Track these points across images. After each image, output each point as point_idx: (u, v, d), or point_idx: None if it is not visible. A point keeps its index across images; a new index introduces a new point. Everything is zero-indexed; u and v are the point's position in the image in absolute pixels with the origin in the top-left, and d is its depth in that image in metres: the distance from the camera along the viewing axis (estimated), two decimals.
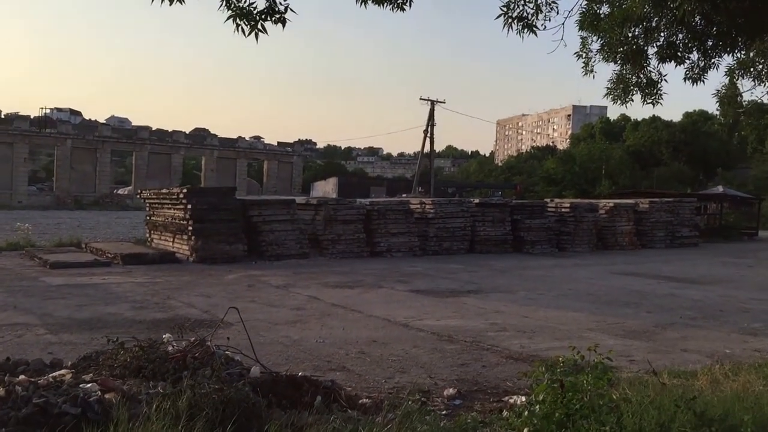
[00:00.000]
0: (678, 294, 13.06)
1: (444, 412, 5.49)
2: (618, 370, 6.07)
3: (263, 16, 5.03)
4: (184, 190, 17.67)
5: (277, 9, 5.03)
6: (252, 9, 5.04)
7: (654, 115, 77.71)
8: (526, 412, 4.71)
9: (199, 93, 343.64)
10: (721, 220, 33.78)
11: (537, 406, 4.64)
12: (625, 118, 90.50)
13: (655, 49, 7.13)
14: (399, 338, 8.40)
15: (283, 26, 5.10)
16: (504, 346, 8.05)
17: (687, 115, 77.05)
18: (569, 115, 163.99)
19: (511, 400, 5.77)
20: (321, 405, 5.04)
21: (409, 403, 5.22)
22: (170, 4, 4.90)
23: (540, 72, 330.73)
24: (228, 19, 5.05)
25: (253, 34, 5.04)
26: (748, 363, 7.01)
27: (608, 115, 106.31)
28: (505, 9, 6.05)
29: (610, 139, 78.69)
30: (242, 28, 5.07)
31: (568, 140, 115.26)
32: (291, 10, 5.06)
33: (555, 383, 4.66)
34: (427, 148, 56.79)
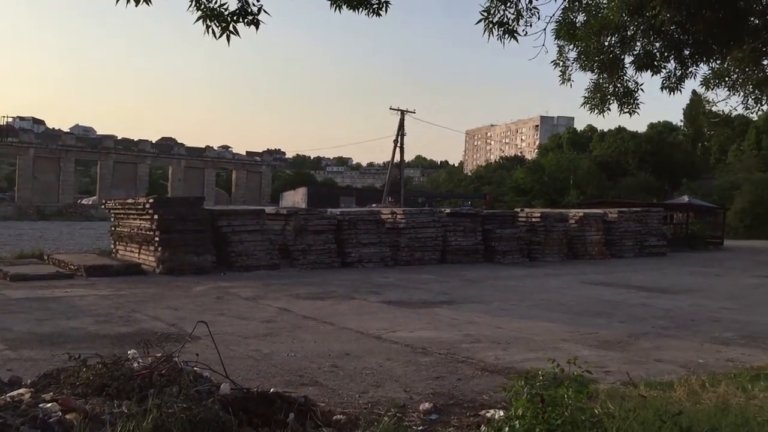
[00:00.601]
0: (649, 303, 13.11)
1: (421, 428, 5.34)
2: (596, 382, 5.99)
3: (235, 18, 4.83)
4: (151, 200, 17.31)
5: (249, 10, 4.83)
6: (223, 10, 4.84)
7: (620, 126, 79.01)
8: (506, 428, 4.59)
9: (167, 102, 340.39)
10: (688, 230, 34.26)
11: (516, 422, 4.52)
12: (591, 128, 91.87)
13: (632, 58, 7.12)
14: (372, 351, 8.24)
15: (257, 28, 4.91)
16: (479, 358, 7.93)
17: (652, 126, 78.45)
18: (537, 126, 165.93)
19: (489, 414, 5.65)
20: (294, 422, 4.85)
21: (386, 419, 5.07)
22: (136, 5, 4.70)
23: (508, 83, 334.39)
24: (198, 20, 4.83)
25: (225, 36, 4.84)
26: (722, 373, 6.99)
27: (575, 126, 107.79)
28: (485, 14, 5.95)
29: (578, 149, 79.78)
30: (213, 29, 4.87)
31: (536, 150, 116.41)
32: (264, 11, 4.89)
33: (535, 397, 4.55)
34: (397, 158, 56.85)
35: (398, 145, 55.64)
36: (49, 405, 4.49)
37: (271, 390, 5.37)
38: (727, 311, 12.35)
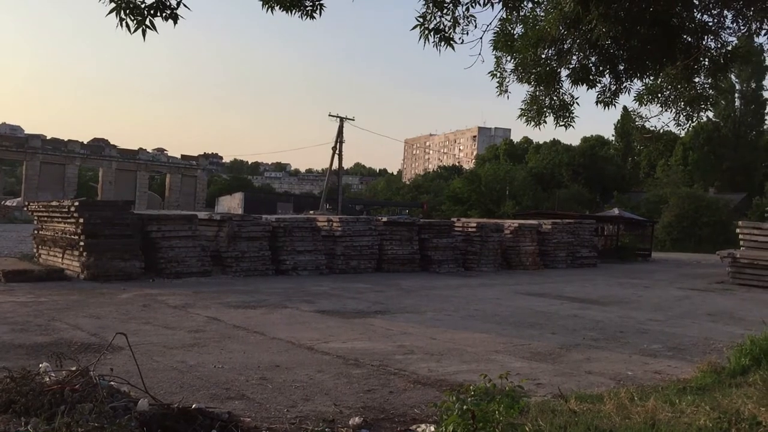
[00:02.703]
0: (580, 315, 13.29)
1: None
2: (527, 396, 5.95)
3: (152, 11, 4.56)
4: (76, 203, 16.63)
5: (168, 3, 4.57)
6: (139, 2, 4.56)
7: (555, 139, 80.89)
8: None
9: (99, 102, 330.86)
10: (618, 242, 35.15)
11: None
12: (527, 140, 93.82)
13: (568, 72, 7.16)
14: (303, 362, 8.03)
15: (175, 23, 4.64)
16: (411, 370, 7.82)
17: (585, 139, 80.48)
18: (475, 137, 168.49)
19: (420, 429, 5.55)
20: None
21: None
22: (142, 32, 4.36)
23: (447, 93, 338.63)
24: (111, 12, 4.55)
25: (140, 31, 4.56)
26: (651, 386, 7.08)
27: (512, 137, 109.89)
28: (421, 20, 5.85)
29: (514, 160, 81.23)
30: (127, 23, 4.59)
31: (473, 161, 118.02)
32: (184, 5, 4.63)
33: (466, 413, 4.45)
34: (335, 165, 56.69)
35: (337, 152, 55.54)
36: None
37: (193, 406, 5.12)
38: (655, 323, 12.62)
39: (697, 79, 7.39)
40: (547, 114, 7.47)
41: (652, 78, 7.37)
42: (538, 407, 5.44)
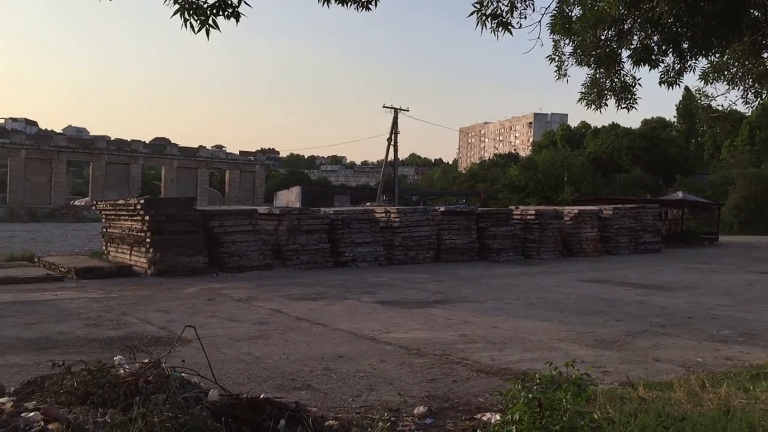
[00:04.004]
0: (645, 301, 13.00)
1: None
2: (594, 384, 5.87)
3: (214, 11, 4.64)
4: (142, 201, 17.13)
5: (230, 2, 4.65)
6: (202, 2, 4.66)
7: (614, 123, 78.96)
8: None
9: (160, 102, 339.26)
10: (682, 226, 34.21)
11: (513, 427, 4.39)
12: (585, 125, 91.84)
13: (629, 53, 6.97)
14: (366, 353, 8.09)
15: (237, 21, 4.71)
16: (474, 359, 7.79)
17: (645, 122, 78.42)
18: (530, 123, 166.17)
19: (485, 418, 5.52)
20: (285, 429, 4.72)
21: (380, 424, 4.93)
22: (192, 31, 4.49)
23: (502, 80, 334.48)
24: (176, 13, 4.66)
25: (204, 30, 4.65)
26: (722, 372, 6.88)
27: (569, 123, 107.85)
28: (478, 6, 5.78)
29: (572, 146, 79.63)
30: (191, 23, 4.69)
31: (530, 148, 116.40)
32: (246, 3, 4.70)
33: (532, 401, 4.41)
34: (390, 157, 56.72)
35: (392, 143, 55.54)
36: (31, 414, 4.35)
37: (262, 396, 5.23)
38: (725, 308, 12.25)
39: (765, 55, 7.10)
40: (608, 97, 7.29)
41: (717, 55, 7.11)
42: (605, 395, 5.35)
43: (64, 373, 5.16)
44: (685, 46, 6.78)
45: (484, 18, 5.75)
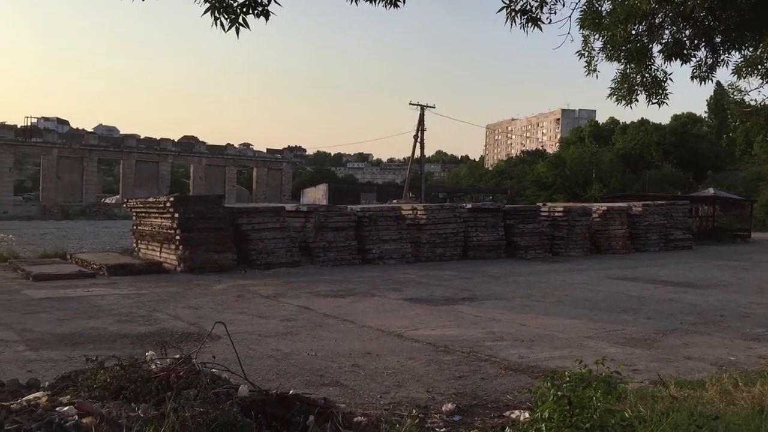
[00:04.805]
0: (676, 299, 12.84)
1: (444, 430, 5.21)
2: (624, 382, 5.81)
3: (244, 9, 4.68)
4: (171, 199, 17.32)
5: (259, 1, 4.68)
6: (232, 1, 4.69)
7: (643, 118, 77.93)
8: (531, 431, 4.44)
9: (188, 100, 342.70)
10: (714, 223, 33.70)
11: (543, 425, 4.37)
12: (614, 121, 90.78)
13: (661, 47, 6.87)
14: (393, 350, 8.11)
15: (266, 19, 4.74)
16: (502, 357, 7.77)
17: (675, 117, 77.29)
18: (558, 119, 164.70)
19: (513, 416, 5.50)
20: (314, 426, 4.75)
21: (408, 421, 4.93)
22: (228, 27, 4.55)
23: (528, 76, 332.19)
24: (206, 12, 4.70)
25: (234, 29, 4.69)
26: (756, 371, 6.77)
27: (597, 119, 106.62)
28: (507, 1, 5.74)
29: (600, 142, 78.79)
30: (221, 22, 4.72)
31: (557, 144, 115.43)
32: (275, 2, 4.72)
33: (562, 399, 4.39)
34: (417, 154, 56.65)
35: (418, 140, 55.47)
36: (65, 409, 4.42)
37: (291, 392, 5.27)
38: (757, 306, 12.05)
39: None
40: (638, 92, 7.19)
41: (751, 49, 6.98)
42: (636, 393, 5.30)
43: (97, 368, 5.25)
44: (718, 40, 6.66)
45: (513, 14, 5.71)
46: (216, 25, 4.68)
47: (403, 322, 10.03)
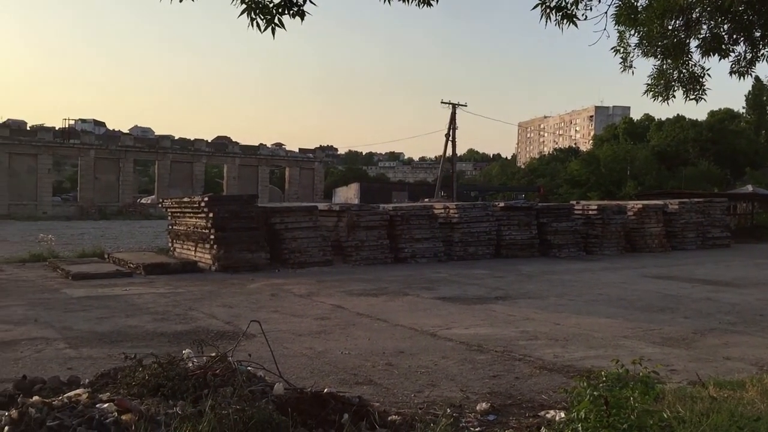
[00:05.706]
0: (714, 298, 12.61)
1: (478, 429, 5.19)
2: (662, 383, 5.73)
3: (280, 10, 4.72)
4: (206, 199, 17.53)
5: (295, 1, 4.71)
6: (268, 2, 4.73)
7: (678, 115, 76.58)
8: (567, 431, 4.40)
9: (221, 101, 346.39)
10: (753, 220, 33.03)
11: (579, 425, 4.33)
12: (649, 117, 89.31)
13: (698, 42, 6.75)
14: (427, 349, 8.11)
15: (302, 20, 4.77)
16: (537, 356, 7.72)
17: (712, 113, 75.80)
18: (591, 116, 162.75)
19: (549, 415, 5.46)
20: (349, 424, 4.77)
21: (442, 420, 4.92)
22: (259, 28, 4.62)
23: (561, 73, 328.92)
24: (242, 13, 4.74)
25: (270, 29, 4.73)
26: None
27: (632, 116, 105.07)
28: None
29: (634, 139, 77.59)
30: (257, 22, 4.77)
31: (590, 141, 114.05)
32: (310, 1, 4.75)
33: (598, 399, 4.34)
34: (449, 152, 56.45)
35: (450, 139, 55.22)
36: (105, 405, 4.50)
37: (325, 390, 5.30)
38: None
39: None
40: (675, 88, 7.08)
41: None
42: (674, 394, 5.22)
43: (135, 365, 5.34)
44: (758, 34, 6.51)
45: (548, 11, 5.66)
46: (252, 25, 4.73)
47: (436, 321, 10.01)
